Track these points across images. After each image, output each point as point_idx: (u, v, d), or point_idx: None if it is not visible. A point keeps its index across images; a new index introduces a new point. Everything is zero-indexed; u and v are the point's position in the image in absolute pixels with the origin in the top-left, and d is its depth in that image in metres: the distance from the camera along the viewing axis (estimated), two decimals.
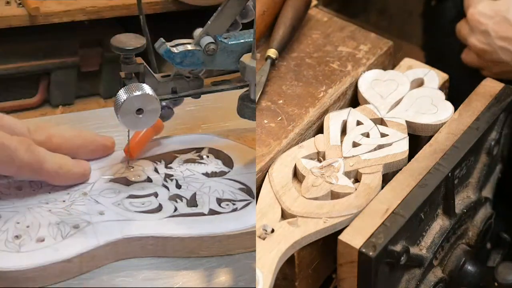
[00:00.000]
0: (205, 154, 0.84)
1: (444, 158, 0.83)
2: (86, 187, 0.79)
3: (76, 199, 0.78)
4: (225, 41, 0.79)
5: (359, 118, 0.88)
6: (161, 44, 0.78)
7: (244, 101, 0.80)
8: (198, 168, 0.82)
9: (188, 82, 0.80)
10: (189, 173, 0.81)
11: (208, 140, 0.86)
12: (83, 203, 0.77)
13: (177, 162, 0.83)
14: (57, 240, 0.73)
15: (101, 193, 0.79)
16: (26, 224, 0.74)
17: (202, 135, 0.87)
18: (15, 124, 0.79)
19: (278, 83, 0.91)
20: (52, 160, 0.78)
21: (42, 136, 0.80)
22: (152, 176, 0.81)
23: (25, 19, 1.54)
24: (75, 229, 0.74)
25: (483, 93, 0.91)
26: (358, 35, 0.98)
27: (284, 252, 0.75)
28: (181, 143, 0.86)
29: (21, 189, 0.79)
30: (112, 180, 0.80)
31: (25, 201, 0.77)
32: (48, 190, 0.79)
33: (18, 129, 0.78)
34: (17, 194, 0.78)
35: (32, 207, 0.77)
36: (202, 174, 0.82)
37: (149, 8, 1.60)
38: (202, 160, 0.83)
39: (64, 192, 0.79)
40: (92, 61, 1.73)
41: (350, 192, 0.80)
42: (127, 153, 0.82)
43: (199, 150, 0.85)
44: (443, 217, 0.85)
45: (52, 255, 0.71)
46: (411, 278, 0.82)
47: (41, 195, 0.78)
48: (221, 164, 0.83)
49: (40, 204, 0.77)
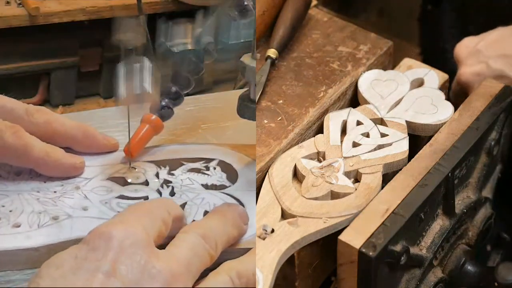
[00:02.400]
0: (213, 166, 0.82)
1: (444, 158, 0.83)
2: (81, 181, 0.79)
3: (67, 191, 0.78)
4: (225, 40, 0.78)
5: (359, 118, 0.88)
6: (161, 44, 0.78)
7: (244, 101, 0.80)
8: (200, 178, 0.81)
9: (188, 82, 0.80)
10: (188, 182, 0.80)
11: (222, 153, 0.84)
12: (72, 197, 0.77)
13: (181, 169, 0.82)
14: (32, 228, 0.73)
15: (94, 189, 0.78)
16: (10, 208, 0.75)
17: (217, 147, 0.85)
18: (13, 105, 0.78)
19: (278, 83, 0.91)
20: (40, 147, 0.77)
21: (40, 119, 0.79)
22: (150, 180, 0.80)
23: (25, 19, 1.55)
24: (53, 220, 0.74)
25: (483, 93, 0.91)
26: (358, 35, 0.98)
27: (284, 252, 0.75)
28: (193, 151, 0.84)
29: (19, 175, 0.79)
30: (110, 178, 0.80)
31: (19, 187, 0.77)
32: (44, 180, 0.79)
33: (16, 111, 0.78)
34: (14, 179, 0.78)
35: (22, 193, 0.77)
36: (201, 185, 0.80)
37: (149, 8, 1.60)
38: (207, 171, 0.82)
39: (59, 184, 0.78)
40: (92, 61, 1.73)
41: (350, 192, 0.80)
42: (127, 153, 0.82)
43: (209, 161, 0.83)
44: (443, 217, 0.85)
45: (22, 242, 0.71)
46: (411, 278, 0.82)
47: (36, 183, 0.78)
48: (224, 178, 0.81)
49: (31, 192, 0.77)
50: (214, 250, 0.67)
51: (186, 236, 0.67)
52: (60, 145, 0.80)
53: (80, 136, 0.81)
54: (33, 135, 0.78)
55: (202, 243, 0.66)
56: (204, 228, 0.68)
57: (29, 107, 0.80)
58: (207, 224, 0.69)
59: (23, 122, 0.78)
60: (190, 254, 0.65)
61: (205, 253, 0.66)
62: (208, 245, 0.66)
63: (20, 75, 1.67)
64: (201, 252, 0.66)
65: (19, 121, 0.78)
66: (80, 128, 0.82)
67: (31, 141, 0.76)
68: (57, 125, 0.80)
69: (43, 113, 0.80)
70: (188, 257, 0.64)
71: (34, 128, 0.79)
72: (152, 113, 0.82)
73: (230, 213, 0.72)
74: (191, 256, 0.65)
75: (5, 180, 0.78)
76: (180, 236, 0.67)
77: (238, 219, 0.72)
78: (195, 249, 0.66)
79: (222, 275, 0.66)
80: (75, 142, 0.81)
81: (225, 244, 0.69)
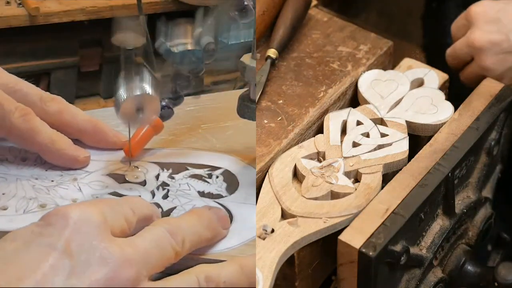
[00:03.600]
0: (216, 175, 0.81)
1: (444, 158, 0.83)
2: (80, 174, 0.79)
3: (64, 182, 0.78)
4: (225, 41, 0.78)
5: (359, 118, 0.88)
6: (161, 44, 0.78)
7: (244, 101, 0.80)
8: (199, 185, 0.79)
9: (188, 82, 0.80)
10: (185, 188, 0.79)
11: (231, 163, 0.82)
12: (66, 188, 0.77)
13: (183, 174, 0.81)
14: (18, 212, 0.73)
15: (90, 183, 0.78)
16: (3, 191, 0.75)
17: (228, 157, 0.83)
18: (29, 90, 0.80)
19: (278, 83, 0.91)
20: (46, 133, 0.78)
21: (53, 107, 0.80)
22: (148, 181, 0.80)
23: (25, 19, 1.54)
24: (40, 208, 0.74)
25: (483, 93, 0.91)
26: (358, 35, 0.98)
27: (284, 252, 0.75)
28: (202, 158, 0.83)
29: (25, 160, 0.80)
30: (110, 174, 0.80)
31: (20, 172, 0.78)
32: (46, 168, 0.79)
33: (30, 96, 0.79)
34: (18, 163, 0.79)
35: (21, 179, 0.77)
36: (198, 192, 0.79)
37: (149, 8, 1.60)
38: (208, 179, 0.80)
39: (58, 173, 0.79)
40: (92, 61, 1.72)
41: (350, 192, 0.80)
42: (127, 153, 0.82)
43: (214, 169, 0.82)
44: (443, 217, 0.85)
45: (3, 224, 0.71)
46: (411, 278, 0.82)
47: (37, 170, 0.79)
48: (223, 188, 0.79)
49: (30, 178, 0.77)
50: (180, 247, 0.66)
51: (152, 228, 0.66)
52: (70, 136, 0.81)
53: (90, 130, 0.82)
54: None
55: (167, 237, 0.66)
56: (173, 224, 0.67)
57: (44, 94, 0.81)
58: (178, 221, 0.69)
59: (36, 108, 0.79)
60: (152, 244, 0.64)
61: (168, 247, 0.65)
62: (174, 240, 0.66)
63: (20, 75, 1.67)
64: (164, 245, 0.65)
65: (32, 106, 0.79)
66: (91, 122, 0.82)
67: (38, 126, 0.77)
68: (68, 116, 0.81)
69: (57, 102, 0.81)
70: (148, 247, 0.64)
71: (46, 115, 0.79)
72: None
73: (207, 215, 0.71)
74: (152, 246, 0.64)
75: (10, 164, 0.79)
76: (147, 228, 0.66)
77: (214, 222, 0.71)
78: (158, 241, 0.65)
79: (190, 275, 0.66)
80: (84, 135, 0.82)
81: (195, 243, 0.68)
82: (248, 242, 0.72)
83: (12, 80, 0.81)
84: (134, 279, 0.62)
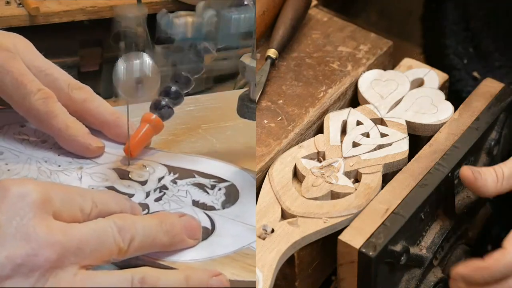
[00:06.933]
0: (220, 187, 0.79)
1: (444, 158, 0.83)
2: (88, 164, 0.80)
3: (69, 169, 0.78)
4: (228, 15, 0.78)
5: (359, 118, 0.88)
6: (163, 15, 0.78)
7: (244, 101, 0.80)
8: (197, 194, 0.78)
9: (188, 82, 0.80)
10: (182, 194, 0.78)
11: (242, 179, 0.80)
12: (69, 175, 0.78)
13: (188, 181, 0.80)
14: None
15: (93, 174, 0.78)
16: (10, 167, 0.76)
17: (242, 172, 0.81)
18: (59, 75, 0.81)
19: (278, 83, 0.91)
20: (62, 118, 0.79)
21: (78, 96, 0.82)
22: (150, 181, 0.79)
23: (25, 19, 1.54)
24: None
25: (483, 93, 0.91)
26: (358, 35, 0.98)
27: (284, 252, 0.75)
28: (214, 168, 0.81)
29: (44, 142, 0.81)
30: (115, 169, 0.80)
31: (34, 153, 0.79)
32: (59, 153, 0.80)
33: (58, 82, 0.81)
34: (36, 144, 0.80)
35: (31, 159, 0.78)
36: (193, 200, 0.77)
37: (149, 8, 1.60)
38: (209, 190, 0.79)
39: (68, 160, 0.80)
40: (92, 61, 1.72)
41: (350, 192, 0.80)
42: (127, 153, 0.82)
43: (221, 181, 0.80)
44: (443, 217, 0.85)
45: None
46: (411, 278, 0.82)
47: (50, 154, 0.80)
48: (219, 201, 0.78)
49: (40, 160, 0.79)
50: (125, 244, 0.66)
51: (101, 220, 0.66)
52: (93, 126, 0.82)
53: (111, 123, 0.83)
54: (67, 109, 0.80)
55: (113, 232, 0.65)
56: (127, 221, 0.67)
57: (73, 82, 0.82)
58: (134, 219, 0.68)
59: (62, 94, 0.80)
60: (91, 234, 0.64)
61: (110, 241, 0.65)
62: (121, 236, 0.65)
63: None
64: (106, 238, 0.65)
65: (59, 92, 0.80)
66: (113, 115, 0.83)
67: (55, 110, 0.78)
68: (91, 105, 0.82)
69: (84, 92, 0.83)
70: (86, 236, 0.64)
71: (70, 102, 0.81)
72: (152, 109, 0.82)
73: (171, 221, 0.70)
74: (91, 237, 0.64)
75: (29, 144, 0.81)
76: (97, 219, 0.66)
77: (177, 229, 0.70)
78: (101, 233, 0.65)
79: (126, 273, 0.65)
80: (105, 126, 0.83)
81: (147, 246, 0.68)
82: (217, 258, 0.70)
83: (46, 64, 0.82)
84: (54, 262, 0.62)
